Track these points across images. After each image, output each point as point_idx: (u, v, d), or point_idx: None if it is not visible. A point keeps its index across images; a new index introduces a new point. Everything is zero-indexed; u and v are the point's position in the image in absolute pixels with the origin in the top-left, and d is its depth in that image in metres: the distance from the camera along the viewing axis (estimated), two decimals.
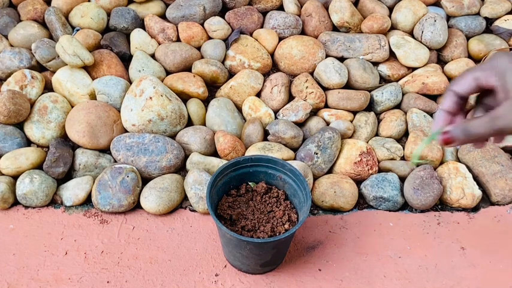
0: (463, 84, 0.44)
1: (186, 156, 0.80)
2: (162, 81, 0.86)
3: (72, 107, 0.83)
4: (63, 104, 0.82)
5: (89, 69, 0.87)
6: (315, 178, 0.78)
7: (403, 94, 0.91)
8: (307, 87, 0.88)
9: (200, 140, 0.79)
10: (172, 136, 0.82)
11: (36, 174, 0.73)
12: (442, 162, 0.82)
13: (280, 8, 1.02)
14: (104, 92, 0.83)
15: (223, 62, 0.93)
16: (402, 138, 0.87)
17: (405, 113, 0.88)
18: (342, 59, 0.95)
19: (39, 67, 0.88)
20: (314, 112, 0.88)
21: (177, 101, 0.83)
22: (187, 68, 0.91)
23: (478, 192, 0.77)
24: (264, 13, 1.01)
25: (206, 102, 0.88)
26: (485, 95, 0.43)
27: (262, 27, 0.99)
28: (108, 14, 0.97)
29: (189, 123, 0.85)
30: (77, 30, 0.93)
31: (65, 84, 0.83)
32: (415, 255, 0.71)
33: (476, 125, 0.42)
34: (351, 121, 0.86)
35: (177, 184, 0.75)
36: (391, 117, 0.86)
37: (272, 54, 0.95)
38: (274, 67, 0.96)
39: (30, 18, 0.93)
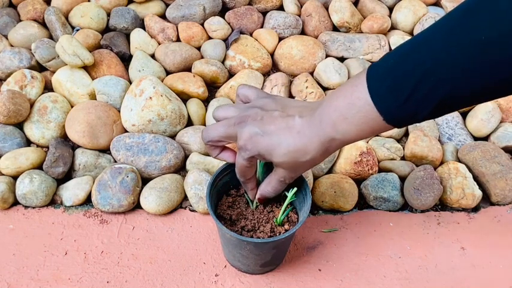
0: (251, 175, 0.59)
1: (186, 156, 0.80)
2: (162, 81, 0.86)
3: (72, 107, 0.83)
4: (63, 104, 0.82)
5: (89, 69, 0.87)
6: (315, 178, 0.78)
7: None
8: (307, 87, 0.88)
9: (200, 140, 0.79)
10: (172, 136, 0.82)
11: (36, 174, 0.73)
12: (442, 162, 0.82)
13: (280, 8, 1.02)
14: (104, 92, 0.83)
15: (223, 62, 0.93)
16: (402, 138, 0.87)
17: None
18: (342, 59, 0.95)
19: (39, 67, 0.88)
20: None
21: (177, 101, 0.83)
22: (187, 68, 0.91)
23: (478, 192, 0.77)
24: (264, 13, 1.01)
25: (206, 102, 0.88)
26: None
27: (262, 27, 0.99)
28: (108, 14, 0.97)
29: (189, 123, 0.85)
30: (77, 30, 0.93)
31: (65, 84, 0.83)
32: (415, 255, 0.71)
33: (270, 188, 0.57)
34: None
35: (177, 184, 0.75)
36: None
37: (272, 54, 0.95)
38: (274, 67, 0.96)
39: (30, 18, 0.93)
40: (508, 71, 0.36)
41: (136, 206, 0.74)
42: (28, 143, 0.80)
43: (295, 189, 0.59)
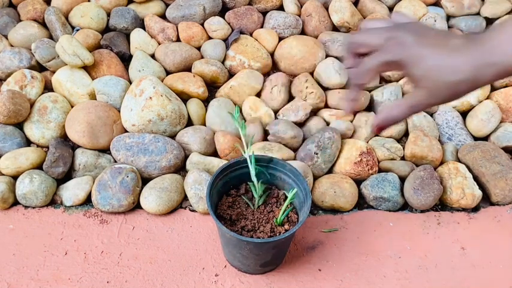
0: (367, 82, 0.47)
1: (186, 156, 0.80)
2: (162, 81, 0.86)
3: (72, 107, 0.83)
4: (63, 104, 0.82)
5: (89, 69, 0.87)
6: (315, 178, 0.78)
7: (403, 94, 0.91)
8: (307, 87, 0.88)
9: (200, 140, 0.79)
10: (172, 136, 0.82)
11: (36, 174, 0.73)
12: (442, 162, 0.82)
13: (280, 8, 1.02)
14: (104, 92, 0.83)
15: (223, 62, 0.92)
16: (402, 138, 0.87)
17: None
18: (342, 59, 0.95)
19: (39, 67, 0.88)
20: (314, 112, 0.88)
21: (177, 101, 0.83)
22: (187, 68, 0.91)
23: (478, 192, 0.77)
24: (264, 13, 1.01)
25: (206, 102, 0.88)
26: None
27: (262, 27, 0.99)
28: (108, 14, 0.97)
29: (189, 123, 0.85)
30: (77, 30, 0.93)
31: (65, 84, 0.83)
32: (415, 255, 0.71)
33: (397, 112, 0.46)
34: (351, 121, 0.86)
35: (177, 184, 0.75)
36: None
37: (272, 54, 0.95)
38: (274, 67, 0.96)
39: (30, 18, 0.93)
40: None
41: (136, 206, 0.74)
42: (28, 143, 0.80)
43: (295, 189, 0.59)
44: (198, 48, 0.93)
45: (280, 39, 0.96)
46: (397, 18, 0.49)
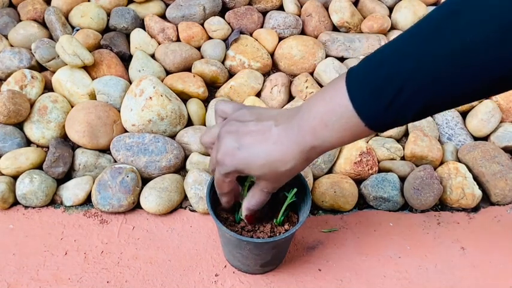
0: (228, 190, 0.54)
1: (186, 156, 0.80)
2: (162, 81, 0.86)
3: (72, 107, 0.83)
4: (63, 104, 0.82)
5: (89, 69, 0.87)
6: (315, 178, 0.78)
7: None
8: (307, 87, 0.88)
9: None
10: (172, 136, 0.82)
11: (36, 174, 0.73)
12: (442, 162, 0.82)
13: (280, 8, 1.02)
14: (104, 92, 0.83)
15: (223, 62, 0.93)
16: (402, 138, 0.87)
17: None
18: (342, 59, 0.95)
19: (39, 67, 0.88)
20: None
21: (177, 101, 0.83)
22: (187, 68, 0.91)
23: (478, 192, 0.77)
24: (264, 13, 1.01)
25: (206, 102, 0.88)
26: None
27: (262, 27, 0.99)
28: (108, 14, 0.97)
29: (189, 123, 0.85)
30: (77, 30, 0.93)
31: (65, 84, 0.83)
32: (415, 255, 0.71)
33: (255, 200, 0.54)
34: None
35: (177, 184, 0.75)
36: None
37: (272, 54, 0.95)
38: (274, 67, 0.96)
39: (30, 18, 0.93)
40: (481, 77, 0.35)
41: (136, 206, 0.74)
42: (28, 143, 0.80)
43: (295, 189, 0.59)
44: (198, 48, 0.93)
45: (280, 39, 0.96)
46: (220, 108, 0.54)
